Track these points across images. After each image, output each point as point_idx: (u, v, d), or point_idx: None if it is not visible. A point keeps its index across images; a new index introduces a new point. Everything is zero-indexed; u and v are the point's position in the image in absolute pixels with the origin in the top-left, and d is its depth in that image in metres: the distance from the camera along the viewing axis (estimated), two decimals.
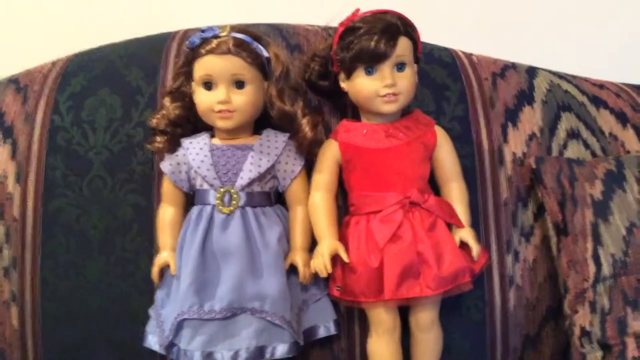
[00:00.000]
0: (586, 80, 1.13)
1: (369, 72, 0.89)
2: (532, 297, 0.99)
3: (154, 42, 1.09)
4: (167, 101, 0.94)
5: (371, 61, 0.88)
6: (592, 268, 0.91)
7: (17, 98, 1.06)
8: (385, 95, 0.89)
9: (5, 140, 1.03)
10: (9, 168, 1.01)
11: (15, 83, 1.08)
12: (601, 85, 1.12)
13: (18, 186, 1.00)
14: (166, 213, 0.94)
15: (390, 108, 0.90)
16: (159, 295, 0.94)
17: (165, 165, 0.94)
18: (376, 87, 0.89)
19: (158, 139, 0.94)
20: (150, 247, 0.96)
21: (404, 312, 0.92)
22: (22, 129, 1.03)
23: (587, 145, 1.04)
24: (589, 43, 1.33)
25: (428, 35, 0.99)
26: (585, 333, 0.89)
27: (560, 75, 1.12)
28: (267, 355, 0.88)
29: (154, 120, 0.94)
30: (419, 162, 0.92)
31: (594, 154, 1.03)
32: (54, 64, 1.10)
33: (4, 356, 0.98)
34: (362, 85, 0.90)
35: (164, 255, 0.93)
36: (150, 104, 1.01)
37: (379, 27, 0.87)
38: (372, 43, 0.87)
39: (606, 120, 1.06)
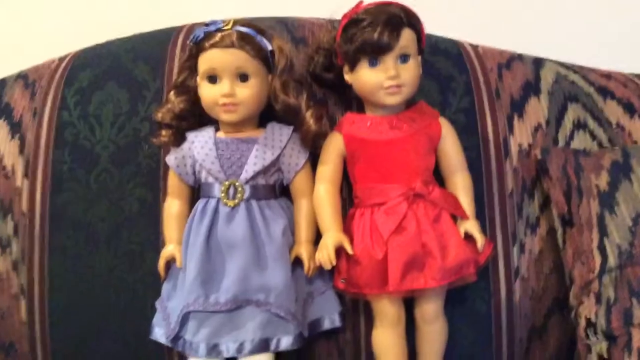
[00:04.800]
0: (593, 70, 1.12)
1: (372, 64, 0.89)
2: (537, 288, 0.99)
3: (159, 36, 1.09)
4: (172, 95, 0.95)
5: (374, 53, 0.88)
6: (598, 259, 0.90)
7: (25, 93, 1.07)
8: (389, 87, 0.89)
9: (14, 135, 1.04)
10: (17, 162, 1.02)
11: (24, 78, 1.09)
12: (608, 76, 1.11)
13: (26, 180, 1.01)
14: (172, 206, 0.95)
15: (393, 100, 0.90)
16: (165, 288, 0.95)
17: (171, 159, 0.94)
18: (380, 79, 0.89)
19: (163, 132, 0.94)
20: (156, 241, 0.97)
21: (409, 304, 0.92)
22: (30, 124, 1.04)
23: (593, 136, 1.03)
24: (596, 33, 1.32)
25: (433, 26, 0.99)
26: (590, 324, 0.89)
27: (567, 66, 1.11)
28: (272, 347, 0.88)
29: (159, 114, 0.95)
30: (424, 154, 0.92)
31: (600, 145, 1.02)
32: (61, 59, 1.11)
33: (14, 348, 0.99)
34: (365, 77, 0.90)
35: (169, 248, 0.94)
36: (156, 98, 1.01)
37: (382, 18, 0.87)
38: (376, 35, 0.87)
39: (613, 111, 1.05)
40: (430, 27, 0.96)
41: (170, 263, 0.94)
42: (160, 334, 0.93)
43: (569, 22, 1.33)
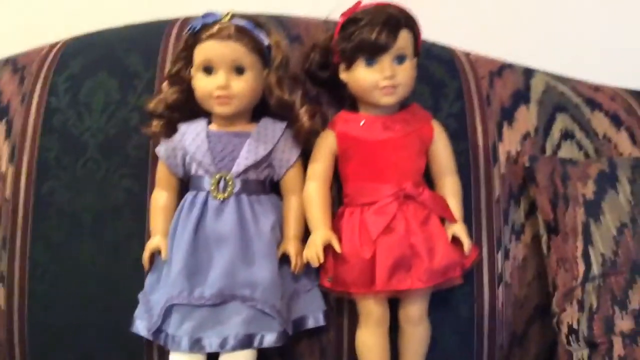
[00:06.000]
0: (581, 82, 1.14)
1: (369, 63, 0.89)
2: (520, 295, 0.99)
3: (153, 28, 1.09)
4: (165, 85, 0.95)
5: (372, 52, 0.88)
6: (581, 267, 0.92)
7: (13, 78, 1.06)
8: (384, 87, 0.89)
9: (1, 120, 1.02)
10: (2, 148, 1.01)
11: (13, 63, 1.08)
12: (596, 88, 1.13)
13: (11, 166, 1.00)
14: (160, 198, 0.95)
15: (388, 100, 0.90)
16: (149, 280, 0.94)
17: (161, 150, 0.94)
18: (376, 78, 0.89)
19: (155, 123, 0.94)
20: (141, 232, 0.96)
21: (393, 306, 0.92)
22: (18, 109, 1.02)
23: (580, 147, 1.05)
24: (585, 46, 1.35)
25: (427, 33, 1.00)
26: (572, 331, 0.90)
27: (557, 77, 1.13)
28: (255, 344, 0.87)
29: (152, 104, 0.94)
30: (415, 156, 0.93)
31: (587, 155, 1.04)
32: (52, 46, 1.10)
33: None
34: (361, 76, 0.90)
35: (155, 240, 0.93)
36: (147, 89, 1.01)
37: (381, 19, 0.88)
38: (374, 34, 0.87)
39: (600, 123, 1.07)
40: (425, 33, 0.97)
41: (154, 255, 0.93)
42: (141, 326, 0.91)
43: (559, 35, 1.36)
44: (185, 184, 0.95)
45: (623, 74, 1.19)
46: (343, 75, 0.93)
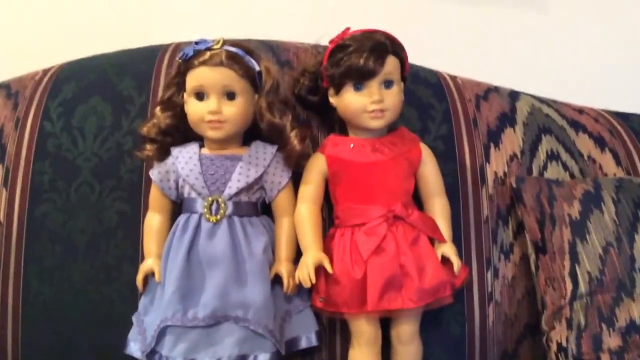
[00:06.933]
0: (566, 105, 1.17)
1: (357, 88, 0.91)
2: (510, 314, 1.01)
3: (146, 53, 1.11)
4: (158, 110, 0.96)
5: (360, 78, 0.91)
6: (569, 285, 0.93)
7: (7, 103, 1.07)
8: (372, 111, 0.91)
9: None
10: None
11: (6, 88, 1.09)
12: (580, 110, 1.16)
13: (5, 190, 1.00)
14: (153, 221, 0.96)
15: (377, 123, 0.92)
16: (143, 302, 0.94)
17: (154, 173, 0.95)
18: (364, 102, 0.91)
19: (148, 147, 0.95)
20: (134, 254, 0.97)
21: (386, 325, 0.93)
22: (12, 134, 1.03)
23: (566, 167, 1.07)
24: (570, 69, 1.38)
25: (415, 57, 1.02)
26: (561, 349, 0.91)
27: (542, 100, 1.15)
28: None
29: (145, 129, 0.95)
30: (404, 177, 0.95)
31: (572, 176, 1.06)
32: (45, 71, 1.11)
33: None
34: (350, 100, 0.92)
35: (149, 263, 0.94)
36: (140, 114, 1.02)
37: (369, 45, 0.90)
38: (362, 60, 0.89)
39: (585, 144, 1.10)
40: (412, 58, 0.99)
41: (148, 277, 0.94)
42: (135, 348, 0.92)
43: (543, 59, 1.39)
44: (178, 207, 0.96)
45: (607, 96, 1.22)
46: (332, 100, 0.95)
